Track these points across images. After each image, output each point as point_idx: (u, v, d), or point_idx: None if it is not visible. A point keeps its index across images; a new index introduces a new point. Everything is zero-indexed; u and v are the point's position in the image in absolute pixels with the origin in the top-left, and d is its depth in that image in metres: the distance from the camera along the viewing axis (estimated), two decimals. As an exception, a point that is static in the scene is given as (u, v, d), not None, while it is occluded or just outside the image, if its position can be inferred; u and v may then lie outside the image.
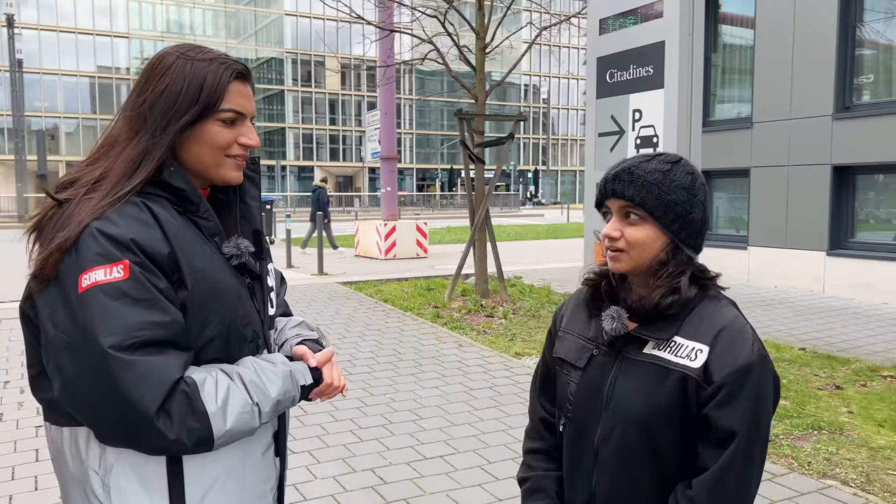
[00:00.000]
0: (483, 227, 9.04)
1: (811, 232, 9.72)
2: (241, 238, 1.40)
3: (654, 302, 1.37)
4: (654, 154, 1.45)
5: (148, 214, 1.26)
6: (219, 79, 1.33)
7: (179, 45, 1.39)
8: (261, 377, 1.31)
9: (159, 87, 1.32)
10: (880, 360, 6.18)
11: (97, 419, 1.20)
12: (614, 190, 1.41)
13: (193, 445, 1.21)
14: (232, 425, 1.24)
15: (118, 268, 1.18)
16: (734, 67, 11.47)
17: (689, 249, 1.41)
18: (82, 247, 1.20)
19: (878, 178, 9.71)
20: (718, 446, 1.32)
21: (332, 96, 63.91)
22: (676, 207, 1.38)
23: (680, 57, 5.45)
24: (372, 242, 15.10)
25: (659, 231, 1.39)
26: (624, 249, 1.40)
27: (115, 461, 1.26)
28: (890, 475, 3.85)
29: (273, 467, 1.46)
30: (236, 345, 1.34)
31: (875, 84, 9.61)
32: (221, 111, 1.34)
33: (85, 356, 1.17)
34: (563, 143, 74.85)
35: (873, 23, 9.47)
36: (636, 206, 1.38)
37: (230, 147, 1.37)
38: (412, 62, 10.25)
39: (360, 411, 4.89)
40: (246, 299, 1.38)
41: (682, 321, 1.38)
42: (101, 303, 1.16)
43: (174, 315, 1.22)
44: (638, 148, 5.82)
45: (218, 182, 1.40)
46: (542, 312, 8.40)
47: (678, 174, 1.40)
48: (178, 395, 1.19)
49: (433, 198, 50.87)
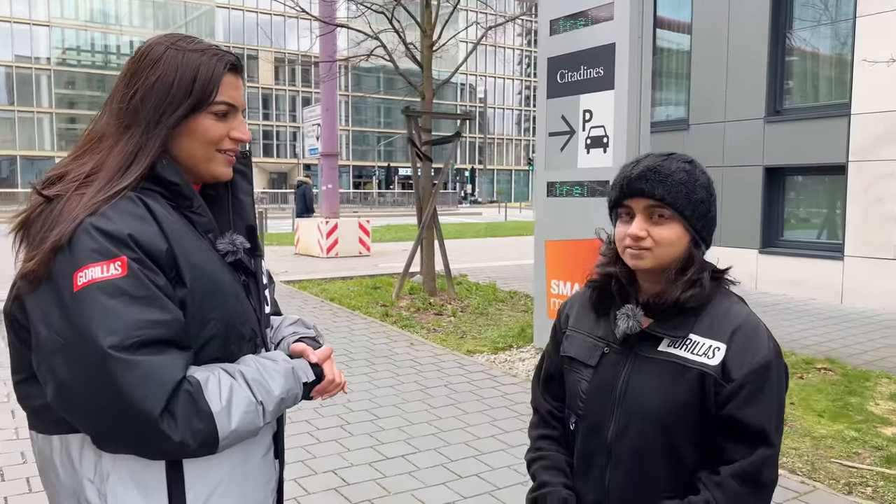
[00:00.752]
0: (430, 224, 9.04)
1: (745, 230, 10.11)
2: (236, 234, 1.36)
3: (675, 297, 1.39)
4: (666, 153, 1.46)
5: (144, 209, 1.20)
6: (212, 70, 1.29)
7: (168, 35, 1.34)
8: (263, 375, 1.27)
9: (150, 78, 1.26)
10: (813, 353, 6.49)
11: (97, 424, 1.14)
12: (642, 189, 1.41)
13: (198, 447, 1.16)
14: (237, 425, 1.20)
15: (115, 264, 1.13)
16: (671, 71, 11.81)
17: (706, 246, 1.46)
18: (76, 243, 1.14)
19: (805, 179, 10.18)
20: (747, 442, 1.35)
21: (266, 91, 62.69)
22: (700, 206, 1.41)
23: (630, 59, 5.57)
24: (313, 240, 14.88)
25: (684, 229, 1.41)
26: (649, 248, 1.41)
27: (112, 469, 1.20)
28: (833, 463, 4.04)
29: (273, 470, 1.42)
30: (235, 344, 1.30)
31: (803, 89, 10.07)
32: (215, 104, 1.29)
33: (82, 358, 1.11)
34: (499, 143, 75.59)
35: (801, 31, 9.91)
36: (666, 206, 1.39)
37: (222, 141, 1.32)
38: (358, 58, 10.14)
39: (316, 412, 4.81)
40: (243, 297, 1.34)
41: (697, 318, 1.41)
42: (99, 301, 1.11)
43: (174, 313, 1.17)
44: (588, 148, 5.93)
45: (208, 178, 1.35)
46: (489, 310, 8.46)
47: (698, 174, 1.44)
48: (182, 396, 1.14)
49: (370, 195, 50.57)
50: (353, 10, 10.28)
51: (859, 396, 5.19)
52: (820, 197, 10.06)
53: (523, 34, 68.47)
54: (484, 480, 3.78)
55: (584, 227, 5.88)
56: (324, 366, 1.41)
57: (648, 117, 5.82)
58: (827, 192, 9.85)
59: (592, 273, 1.56)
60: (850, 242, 9.08)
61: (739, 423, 1.35)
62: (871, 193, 8.83)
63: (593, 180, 5.86)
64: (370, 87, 64.65)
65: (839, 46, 9.57)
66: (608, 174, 5.70)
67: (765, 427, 1.34)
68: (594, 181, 5.84)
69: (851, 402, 5.07)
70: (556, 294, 6.17)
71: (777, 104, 9.99)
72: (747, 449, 1.34)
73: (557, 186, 6.17)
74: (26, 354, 1.21)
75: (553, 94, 6.26)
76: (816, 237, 9.94)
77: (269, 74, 61.00)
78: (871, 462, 4.04)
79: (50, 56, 55.21)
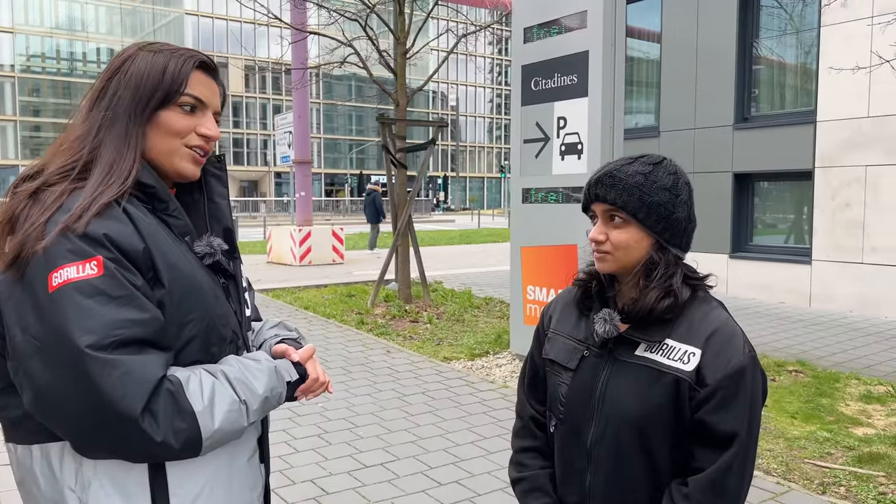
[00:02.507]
0: (406, 232, 9.03)
1: (715, 236, 10.26)
2: (213, 237, 1.35)
3: (650, 306, 1.39)
4: (637, 156, 1.47)
5: (119, 210, 1.19)
6: (180, 66, 1.30)
7: (142, 42, 1.36)
8: (246, 374, 1.25)
9: (123, 79, 1.28)
10: (784, 355, 6.59)
11: (76, 428, 1.12)
12: (597, 194, 1.43)
13: (181, 448, 1.14)
14: (220, 424, 1.18)
15: (91, 264, 1.11)
16: (642, 79, 11.97)
17: (676, 249, 1.44)
18: (50, 244, 1.12)
19: (773, 185, 10.37)
20: (716, 448, 1.35)
21: (236, 99, 62.17)
22: (659, 209, 1.40)
23: (603, 66, 5.63)
24: (286, 248, 14.76)
25: (643, 233, 1.41)
26: (609, 251, 1.43)
27: (93, 476, 1.17)
28: (807, 464, 4.10)
29: (259, 474, 1.40)
30: (216, 346, 1.28)
31: (770, 97, 10.28)
32: (182, 96, 1.29)
33: (59, 359, 1.08)
34: (471, 150, 75.84)
35: (767, 40, 10.12)
36: (619, 209, 1.41)
37: (188, 135, 1.31)
38: (331, 65, 10.11)
39: (293, 421, 4.77)
40: (222, 299, 1.33)
41: (674, 323, 1.41)
42: (75, 301, 1.09)
43: (153, 312, 1.15)
44: (563, 155, 5.97)
45: (172, 174, 1.33)
46: (465, 316, 8.46)
47: (660, 175, 1.42)
48: (163, 395, 1.12)
49: (342, 203, 50.34)
50: (325, 18, 10.25)
51: (830, 398, 5.28)
52: (787, 202, 10.26)
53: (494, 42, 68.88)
54: (464, 487, 3.77)
55: (559, 233, 5.92)
56: (307, 365, 1.40)
57: (622, 124, 5.88)
58: (794, 198, 10.05)
59: (580, 272, 1.57)
60: (818, 247, 9.26)
61: (710, 429, 1.35)
62: (838, 199, 9.03)
63: (568, 187, 5.90)
64: (341, 95, 64.46)
65: (804, 55, 9.79)
66: (582, 181, 5.74)
67: (735, 433, 1.34)
68: (569, 188, 5.89)
69: (823, 403, 5.16)
70: (532, 300, 6.19)
71: (745, 111, 10.18)
72: (716, 455, 1.35)
73: (532, 193, 6.20)
74: (1, 364, 1.18)
75: (527, 101, 6.30)
76: (785, 242, 10.12)
77: (239, 82, 60.54)
78: (844, 462, 4.11)
79: (14, 63, 54.17)
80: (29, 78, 55.13)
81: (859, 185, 8.80)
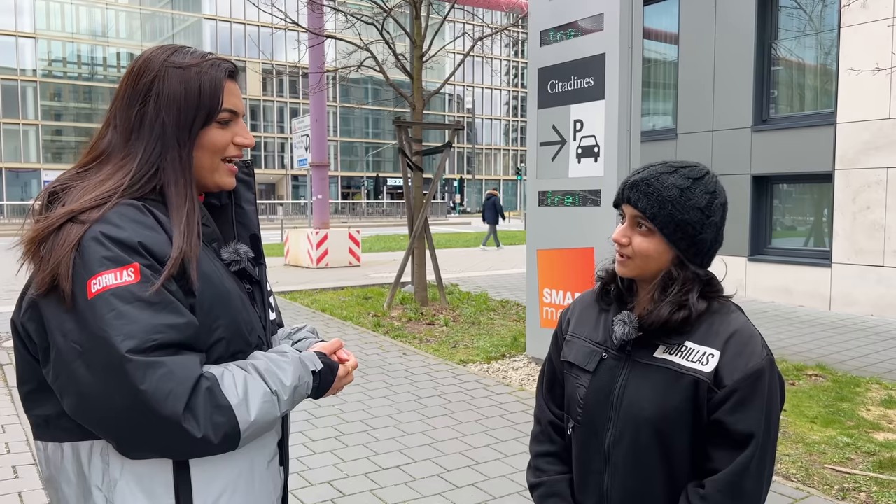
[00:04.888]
0: (422, 234, 9.05)
1: (733, 238, 10.17)
2: (240, 243, 1.38)
3: (663, 319, 1.39)
4: (680, 165, 1.45)
5: (151, 218, 1.22)
6: (214, 80, 1.31)
7: (162, 48, 1.34)
8: (273, 367, 1.28)
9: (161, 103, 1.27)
10: (804, 359, 6.53)
11: (119, 429, 1.14)
12: (629, 197, 1.43)
13: (220, 442, 1.17)
14: (256, 415, 1.20)
15: (128, 271, 1.14)
16: (659, 81, 11.91)
17: (696, 266, 1.43)
18: (87, 252, 1.15)
19: (792, 187, 10.28)
20: (733, 450, 1.35)
21: (254, 102, 62.56)
22: (687, 227, 1.40)
23: (620, 69, 5.62)
24: (303, 251, 14.84)
25: (666, 246, 1.41)
26: (630, 256, 1.43)
27: (120, 476, 1.20)
28: (827, 469, 4.06)
29: (279, 477, 1.43)
30: (242, 351, 1.31)
31: (789, 98, 10.19)
32: (220, 112, 1.31)
33: (101, 364, 1.11)
34: (487, 153, 75.79)
35: (786, 41, 10.04)
36: (647, 219, 1.41)
37: (227, 149, 1.34)
38: (348, 68, 10.16)
39: (310, 423, 4.80)
40: (248, 305, 1.35)
41: (693, 326, 1.41)
42: (114, 307, 1.12)
43: (188, 318, 1.18)
44: (579, 157, 5.96)
45: (212, 188, 1.37)
46: (481, 319, 8.46)
47: (696, 193, 1.41)
48: (202, 392, 1.15)
49: (359, 206, 50.50)
50: (342, 22, 10.30)
51: (850, 402, 5.23)
52: (807, 205, 10.16)
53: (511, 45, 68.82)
54: (480, 490, 3.77)
55: (575, 235, 5.91)
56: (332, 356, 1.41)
57: (639, 126, 5.86)
58: (814, 200, 9.95)
59: (601, 270, 1.57)
60: (838, 250, 9.17)
61: (727, 429, 1.35)
62: (858, 201, 8.93)
63: (584, 189, 5.89)
64: (358, 98, 64.70)
65: (824, 56, 9.70)
66: (599, 183, 5.74)
67: (752, 434, 1.34)
68: (585, 190, 5.88)
69: (843, 408, 5.11)
70: (549, 303, 6.18)
71: (764, 113, 10.10)
72: (732, 456, 1.35)
73: (549, 195, 6.20)
74: (33, 365, 1.22)
75: (544, 104, 6.29)
76: (804, 244, 10.02)
77: (256, 85, 60.92)
78: (864, 467, 4.07)
79: (36, 68, 54.90)
80: (51, 82, 55.84)
81: (880, 188, 8.70)
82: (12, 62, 53.90)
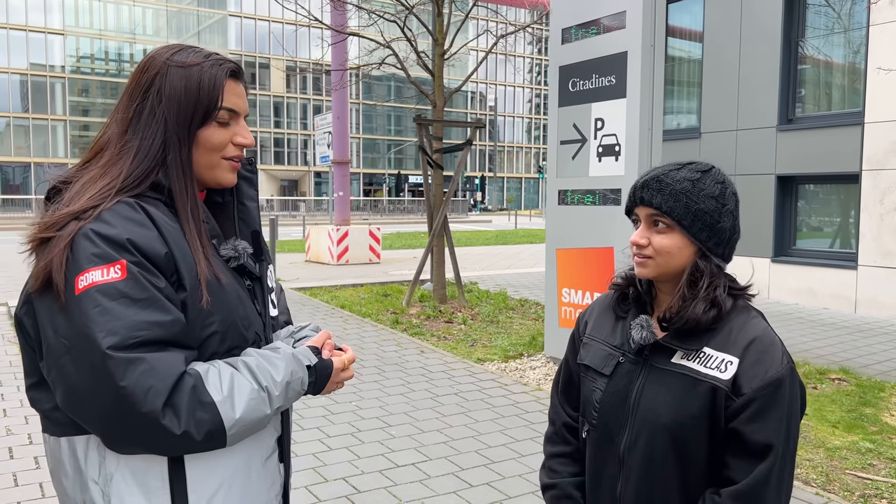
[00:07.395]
0: (441, 232, 9.05)
1: (757, 239, 10.05)
2: (239, 240, 1.39)
3: (696, 318, 1.37)
4: (685, 162, 1.45)
5: (143, 215, 1.23)
6: (214, 79, 1.32)
7: (168, 47, 1.36)
8: (264, 363, 1.28)
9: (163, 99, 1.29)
10: (826, 363, 6.43)
11: (104, 424, 1.16)
12: (642, 198, 1.42)
13: (203, 439, 1.17)
14: (242, 413, 1.20)
15: (115, 268, 1.15)
16: (683, 79, 11.79)
17: (718, 258, 1.42)
18: (77, 249, 1.16)
19: (818, 187, 10.12)
20: (751, 459, 1.33)
21: (277, 99, 63.00)
22: (705, 217, 1.39)
23: (642, 67, 5.57)
24: (324, 247, 14.92)
25: (687, 240, 1.40)
26: (651, 256, 1.41)
27: (116, 470, 1.22)
28: (848, 474, 4.00)
29: (278, 473, 1.42)
30: (238, 347, 1.32)
31: (815, 98, 10.03)
32: (219, 111, 1.32)
33: (85, 359, 1.13)
34: (508, 151, 75.60)
35: (814, 39, 9.88)
36: (664, 215, 1.40)
37: (226, 148, 1.35)
38: (370, 66, 10.19)
39: (327, 419, 4.82)
40: (246, 301, 1.36)
41: (712, 332, 1.39)
42: (99, 303, 1.13)
43: (175, 315, 1.19)
44: (600, 156, 5.92)
45: (213, 185, 1.38)
46: (500, 318, 8.44)
47: (707, 183, 1.41)
48: (184, 388, 1.16)
49: (381, 203, 50.64)
50: (364, 19, 10.33)
51: (874, 407, 5.14)
52: (833, 206, 10.00)
53: (533, 42, 68.55)
54: (495, 489, 3.77)
55: (595, 235, 5.87)
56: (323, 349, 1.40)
57: (661, 125, 5.81)
58: (840, 201, 9.79)
59: (617, 277, 1.56)
60: (865, 251, 9.01)
61: (745, 439, 1.33)
62: (886, 202, 8.77)
63: (605, 188, 5.84)
64: (380, 95, 64.86)
65: (852, 55, 9.53)
66: (620, 182, 5.70)
67: (771, 444, 1.31)
68: (606, 189, 5.83)
69: (866, 412, 5.02)
70: (568, 302, 6.15)
71: (789, 112, 9.95)
72: (750, 467, 1.32)
73: (569, 194, 6.16)
74: (34, 358, 1.25)
75: (565, 102, 6.26)
76: (829, 246, 9.86)
77: (280, 83, 61.33)
78: (887, 474, 4.00)
79: (64, 64, 55.76)
80: (78, 79, 56.70)
81: (909, 189, 8.54)
82: (42, 58, 54.82)
